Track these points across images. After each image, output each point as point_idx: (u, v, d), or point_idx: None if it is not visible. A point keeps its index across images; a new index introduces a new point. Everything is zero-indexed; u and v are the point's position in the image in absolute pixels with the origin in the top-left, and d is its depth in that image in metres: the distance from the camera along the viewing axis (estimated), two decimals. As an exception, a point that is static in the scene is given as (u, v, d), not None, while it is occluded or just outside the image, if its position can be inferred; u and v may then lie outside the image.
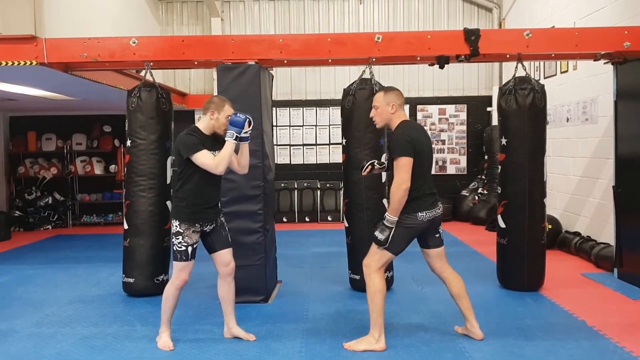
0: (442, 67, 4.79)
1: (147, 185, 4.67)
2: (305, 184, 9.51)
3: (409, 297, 4.70)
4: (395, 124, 3.53)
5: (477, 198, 9.15)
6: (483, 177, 9.27)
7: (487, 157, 9.11)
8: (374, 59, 4.69)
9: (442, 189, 5.23)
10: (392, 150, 3.44)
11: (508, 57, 4.95)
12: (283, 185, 9.40)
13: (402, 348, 3.51)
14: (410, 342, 3.62)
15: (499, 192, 4.85)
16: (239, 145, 3.54)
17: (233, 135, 3.39)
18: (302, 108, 9.71)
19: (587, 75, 6.37)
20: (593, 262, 5.74)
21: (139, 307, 4.52)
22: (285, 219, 9.29)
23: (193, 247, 3.47)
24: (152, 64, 4.67)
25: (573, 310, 4.23)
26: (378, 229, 3.41)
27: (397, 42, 4.66)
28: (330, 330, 3.88)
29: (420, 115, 9.69)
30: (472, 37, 4.56)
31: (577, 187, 6.69)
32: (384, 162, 3.87)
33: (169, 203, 4.69)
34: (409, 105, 9.44)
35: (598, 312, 4.20)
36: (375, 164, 3.72)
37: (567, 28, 6.27)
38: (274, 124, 8.67)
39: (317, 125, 9.71)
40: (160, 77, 8.89)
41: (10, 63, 4.60)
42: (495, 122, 8.35)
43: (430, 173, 3.57)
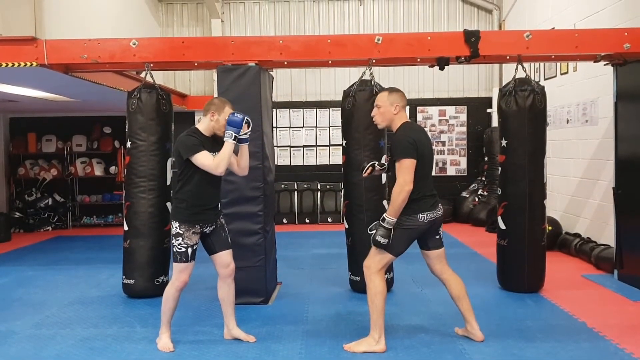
0: (442, 68, 4.80)
1: (147, 187, 4.67)
2: (305, 186, 9.51)
3: (409, 298, 4.69)
4: (397, 126, 3.52)
5: (477, 199, 9.15)
6: (483, 178, 9.27)
7: (487, 158, 9.11)
8: (374, 61, 4.69)
9: (442, 191, 5.23)
10: (394, 152, 3.42)
11: (508, 58, 4.96)
12: (283, 187, 9.40)
13: (402, 349, 3.51)
14: (411, 343, 3.62)
15: (499, 193, 4.84)
16: (239, 147, 3.53)
17: (232, 136, 3.39)
18: (302, 109, 9.71)
19: (587, 77, 6.37)
20: (593, 263, 5.73)
21: (139, 308, 4.51)
22: (286, 221, 9.29)
23: (193, 248, 3.47)
24: (152, 66, 4.67)
25: (573, 312, 4.23)
26: (377, 231, 3.40)
27: (397, 43, 4.66)
28: (330, 332, 3.88)
29: (421, 117, 9.69)
30: (472, 38, 4.56)
31: (577, 188, 6.69)
32: (385, 163, 3.87)
33: (169, 204, 4.69)
34: (409, 107, 9.43)
35: (598, 313, 4.20)
36: (376, 166, 3.72)
37: (567, 29, 6.28)
38: (274, 126, 8.68)
39: (317, 127, 9.71)
40: (161, 78, 8.89)
41: (11, 64, 4.61)
42: (496, 123, 8.34)
43: (431, 175, 3.57)
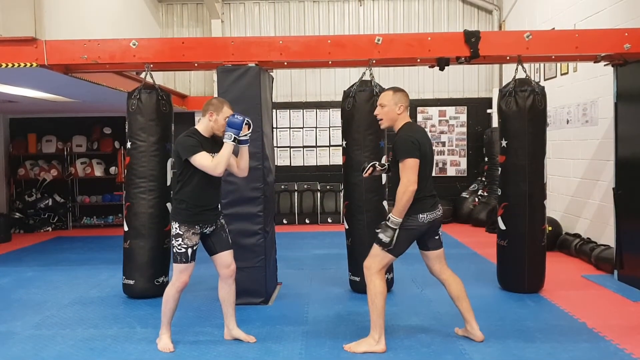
0: (442, 69, 4.80)
1: (147, 187, 4.67)
2: (305, 186, 9.51)
3: (409, 298, 4.69)
4: (399, 126, 3.53)
5: (477, 200, 9.15)
6: (483, 179, 9.27)
7: (487, 159, 9.11)
8: (374, 61, 4.69)
9: (442, 191, 5.23)
10: (397, 152, 3.41)
11: (508, 59, 4.96)
12: (283, 187, 9.40)
13: (402, 350, 3.51)
14: (411, 343, 3.61)
15: (499, 194, 4.84)
16: (238, 148, 3.53)
17: (231, 137, 3.38)
18: (302, 110, 9.71)
19: (587, 77, 6.37)
20: (593, 264, 5.73)
21: (139, 309, 4.51)
22: (286, 221, 9.29)
23: (193, 249, 3.47)
24: (152, 66, 4.68)
25: (573, 312, 4.23)
26: (381, 231, 3.40)
27: (397, 44, 4.66)
28: (330, 332, 3.88)
29: (421, 117, 9.68)
30: (472, 39, 4.56)
31: (577, 189, 6.68)
32: (385, 164, 3.86)
33: (169, 205, 4.69)
34: (409, 107, 9.41)
35: (598, 314, 4.20)
36: (377, 166, 3.72)
37: (567, 30, 6.28)
38: (274, 126, 8.68)
39: (317, 127, 9.71)
40: (161, 79, 8.90)
41: (11, 65, 4.61)
42: (496, 124, 8.33)
43: (431, 175, 3.57)
